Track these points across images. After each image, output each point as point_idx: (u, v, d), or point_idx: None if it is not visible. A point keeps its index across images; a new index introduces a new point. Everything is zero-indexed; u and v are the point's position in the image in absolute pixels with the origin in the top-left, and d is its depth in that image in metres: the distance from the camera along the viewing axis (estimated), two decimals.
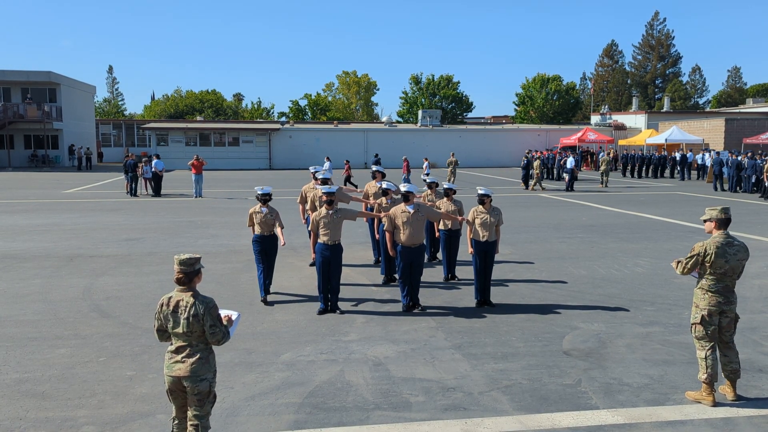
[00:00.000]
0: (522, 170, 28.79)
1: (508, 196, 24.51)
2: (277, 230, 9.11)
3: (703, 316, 5.61)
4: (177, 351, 4.34)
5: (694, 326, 5.70)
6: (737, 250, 5.60)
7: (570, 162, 27.60)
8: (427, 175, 12.16)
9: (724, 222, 5.66)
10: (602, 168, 29.65)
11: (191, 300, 4.30)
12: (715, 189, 27.87)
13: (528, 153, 31.85)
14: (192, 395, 4.32)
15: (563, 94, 62.55)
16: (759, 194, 24.83)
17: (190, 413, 4.38)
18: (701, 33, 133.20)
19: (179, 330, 4.30)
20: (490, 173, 40.65)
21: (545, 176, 34.52)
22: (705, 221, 5.77)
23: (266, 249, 9.12)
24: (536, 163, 28.34)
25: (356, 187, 25.98)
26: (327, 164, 28.96)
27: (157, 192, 24.85)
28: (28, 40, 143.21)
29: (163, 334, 4.45)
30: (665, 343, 7.28)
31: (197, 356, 4.31)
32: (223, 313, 4.54)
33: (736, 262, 5.59)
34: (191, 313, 4.27)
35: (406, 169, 29.91)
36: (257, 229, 9.07)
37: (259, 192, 9.13)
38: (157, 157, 26.07)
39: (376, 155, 33.22)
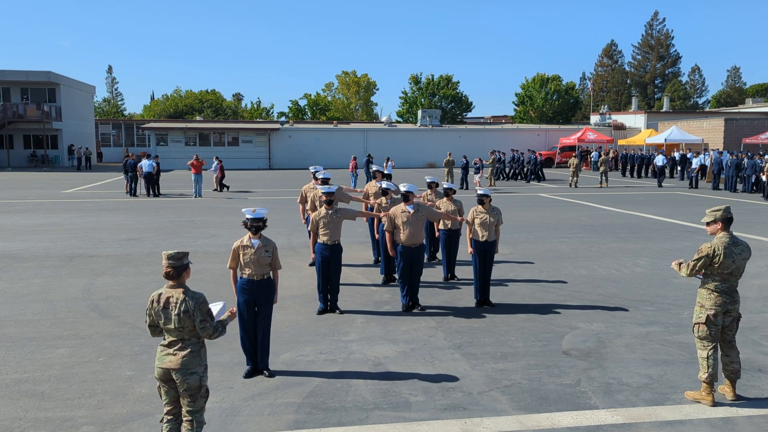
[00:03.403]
0: (462, 171, 28.84)
1: (507, 196, 24.51)
2: (273, 275, 6.39)
3: (708, 316, 5.60)
4: (169, 345, 4.40)
5: (697, 326, 5.68)
6: (742, 249, 5.59)
7: (661, 160, 28.13)
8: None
9: (728, 222, 5.65)
10: (601, 168, 29.73)
11: (181, 296, 4.33)
12: (716, 188, 27.95)
13: (492, 153, 31.71)
14: (182, 389, 4.35)
15: (563, 94, 62.51)
16: (761, 194, 24.72)
17: (183, 409, 4.42)
18: (701, 33, 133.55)
19: (171, 326, 4.34)
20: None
21: (506, 176, 34.65)
22: (708, 223, 5.70)
23: (258, 300, 6.28)
24: (572, 161, 29.27)
25: (228, 188, 26.82)
26: (215, 164, 27.80)
27: (149, 192, 24.70)
28: (28, 40, 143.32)
29: (155, 329, 4.49)
30: (665, 343, 7.28)
31: (188, 350, 4.36)
32: (214, 309, 4.58)
33: (741, 262, 5.58)
34: (182, 309, 4.30)
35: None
36: (246, 271, 6.26)
37: (249, 216, 6.24)
38: (148, 157, 25.88)
39: (369, 155, 33.16)
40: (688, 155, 33.50)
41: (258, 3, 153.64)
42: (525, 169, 33.90)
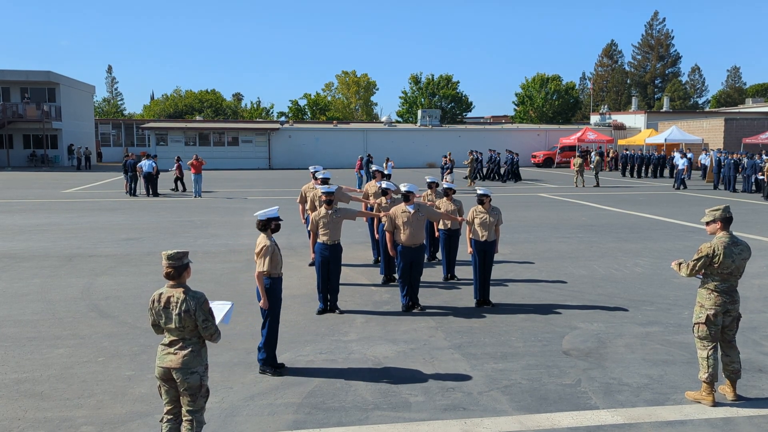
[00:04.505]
0: (442, 170, 28.72)
1: (507, 196, 24.50)
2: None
3: (708, 315, 5.58)
4: (170, 344, 4.40)
5: (697, 326, 5.67)
6: (741, 249, 5.57)
7: (683, 162, 28.59)
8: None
9: (728, 221, 5.64)
10: (595, 170, 29.84)
11: (182, 296, 4.33)
12: (716, 188, 27.97)
13: (470, 153, 31.60)
14: (183, 389, 4.35)
15: (563, 93, 62.52)
16: (761, 194, 24.68)
17: (183, 408, 4.41)
18: (701, 33, 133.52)
19: (171, 326, 4.34)
20: None
21: (482, 176, 34.66)
22: (708, 223, 5.68)
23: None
24: (576, 161, 29.79)
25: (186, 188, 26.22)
26: (175, 164, 27.02)
27: (148, 192, 24.67)
28: (28, 39, 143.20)
29: (158, 328, 4.49)
30: (665, 343, 7.27)
31: (189, 349, 4.36)
32: (215, 309, 4.57)
33: (740, 262, 5.56)
34: (182, 308, 4.30)
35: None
36: (276, 269, 6.43)
37: (268, 217, 6.38)
38: (148, 157, 25.81)
39: (369, 155, 33.16)
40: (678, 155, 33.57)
41: (258, 3, 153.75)
42: (501, 169, 33.93)
